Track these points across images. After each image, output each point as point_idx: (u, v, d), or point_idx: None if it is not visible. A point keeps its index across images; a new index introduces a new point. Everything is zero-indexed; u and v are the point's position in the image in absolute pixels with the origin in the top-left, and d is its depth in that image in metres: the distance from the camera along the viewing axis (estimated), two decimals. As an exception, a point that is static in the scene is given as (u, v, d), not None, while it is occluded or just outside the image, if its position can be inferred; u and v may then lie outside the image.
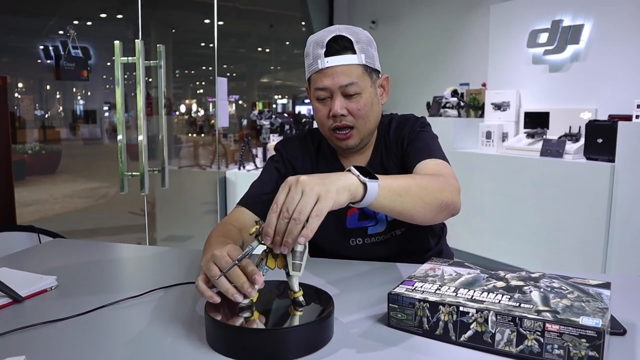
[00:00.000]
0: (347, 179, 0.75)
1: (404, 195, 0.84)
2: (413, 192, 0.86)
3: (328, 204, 0.70)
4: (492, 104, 4.01)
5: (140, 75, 2.24)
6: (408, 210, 0.85)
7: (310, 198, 0.69)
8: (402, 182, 0.86)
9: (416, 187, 0.87)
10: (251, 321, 0.72)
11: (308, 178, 0.72)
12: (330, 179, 0.73)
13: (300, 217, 0.68)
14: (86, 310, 0.84)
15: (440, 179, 0.95)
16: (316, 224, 0.69)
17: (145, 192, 2.33)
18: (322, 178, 0.73)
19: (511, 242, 3.50)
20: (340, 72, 1.04)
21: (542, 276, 0.80)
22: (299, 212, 0.68)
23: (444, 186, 0.92)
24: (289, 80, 12.36)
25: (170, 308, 0.87)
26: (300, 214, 0.68)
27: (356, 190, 0.76)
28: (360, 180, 0.76)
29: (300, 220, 0.68)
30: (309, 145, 1.23)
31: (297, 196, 0.70)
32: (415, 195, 0.86)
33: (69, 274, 1.06)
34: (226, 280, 0.73)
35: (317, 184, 0.71)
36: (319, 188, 0.70)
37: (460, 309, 0.70)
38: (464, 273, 0.82)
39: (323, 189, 0.71)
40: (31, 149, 7.97)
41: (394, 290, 0.76)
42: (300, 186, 0.71)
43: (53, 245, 1.34)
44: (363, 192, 0.77)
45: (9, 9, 6.44)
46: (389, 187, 0.81)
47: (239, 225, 1.07)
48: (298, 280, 0.75)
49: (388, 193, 0.81)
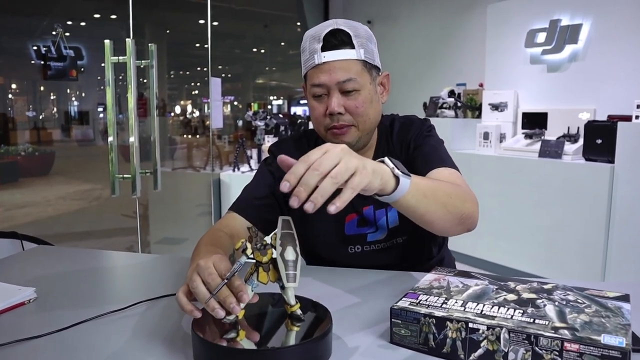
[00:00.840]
0: (382, 167, 0.71)
1: (429, 197, 0.79)
2: (439, 196, 0.82)
3: (364, 180, 0.65)
4: (490, 105, 3.96)
5: (131, 75, 2.18)
6: (430, 214, 0.81)
7: (350, 165, 0.64)
8: (430, 184, 0.82)
9: (441, 192, 0.83)
10: (236, 341, 0.66)
11: (348, 150, 0.67)
12: (367, 161, 0.68)
13: (338, 178, 0.63)
14: (64, 327, 0.78)
15: (462, 190, 0.90)
16: (349, 196, 0.64)
17: (137, 194, 2.27)
18: (359, 157, 0.68)
19: (510, 244, 3.45)
20: (338, 67, 0.99)
21: (556, 287, 0.75)
22: (336, 172, 0.63)
23: (466, 197, 0.88)
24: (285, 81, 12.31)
25: (154, 323, 0.81)
26: (337, 175, 0.63)
27: (388, 182, 0.71)
28: (394, 173, 0.72)
29: (336, 181, 0.63)
30: (305, 147, 1.17)
31: (335, 159, 0.64)
32: (440, 200, 0.82)
33: (49, 285, 1.00)
34: (207, 292, 0.67)
35: (356, 157, 0.66)
36: (357, 162, 0.66)
37: (469, 326, 0.64)
38: (471, 284, 0.77)
39: (360, 164, 0.66)
40: (24, 150, 7.88)
41: (396, 304, 0.71)
42: (340, 153, 0.65)
43: (36, 253, 1.28)
44: (394, 185, 0.72)
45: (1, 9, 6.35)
46: (418, 187, 0.77)
47: (230, 231, 1.01)
48: (294, 292, 0.70)
49: (417, 192, 0.76)
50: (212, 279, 0.67)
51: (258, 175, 1.15)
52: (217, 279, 0.68)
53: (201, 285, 0.68)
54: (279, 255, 0.66)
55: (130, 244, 3.82)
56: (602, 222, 2.90)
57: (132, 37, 2.21)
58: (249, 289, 0.68)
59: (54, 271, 1.10)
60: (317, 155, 0.65)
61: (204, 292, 0.67)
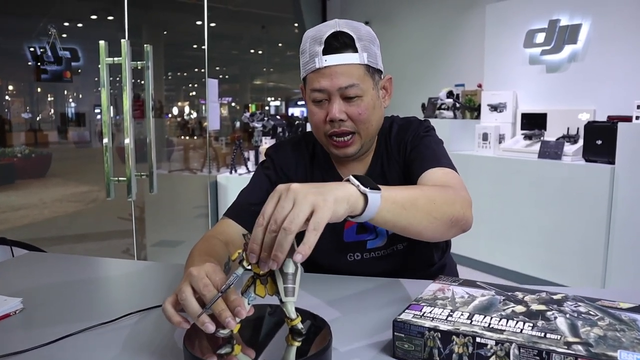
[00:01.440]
0: (346, 189, 0.66)
1: (409, 209, 0.74)
2: (420, 205, 0.76)
3: (326, 215, 0.60)
4: (489, 105, 3.94)
5: (126, 76, 2.15)
6: (414, 226, 0.76)
7: (304, 207, 0.60)
8: (407, 193, 0.76)
9: (424, 200, 0.77)
10: (231, 356, 0.63)
11: (301, 186, 0.62)
12: (326, 188, 0.64)
13: (291, 227, 0.58)
14: (49, 341, 0.74)
15: (450, 191, 0.85)
16: (314, 239, 0.59)
17: (132, 197, 2.24)
18: (317, 187, 0.63)
19: (509, 246, 3.42)
20: (340, 72, 0.94)
21: (566, 298, 0.71)
22: (290, 221, 0.59)
23: (454, 199, 0.83)
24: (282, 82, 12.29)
25: (145, 336, 0.77)
26: (291, 224, 0.59)
27: (356, 202, 0.66)
28: (360, 190, 0.67)
29: (291, 231, 0.58)
30: (303, 151, 1.14)
31: (288, 205, 0.60)
32: (423, 209, 0.76)
33: (37, 295, 0.96)
34: (196, 304, 0.64)
35: (312, 192, 0.61)
36: (314, 197, 0.61)
37: (476, 340, 0.61)
38: (477, 295, 0.74)
39: (319, 198, 0.61)
40: (21, 152, 7.83)
41: (399, 317, 0.67)
42: (292, 194, 0.61)
43: (25, 260, 1.24)
44: (363, 204, 0.67)
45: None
46: (392, 199, 0.72)
47: (225, 238, 0.97)
48: (294, 305, 0.66)
49: (392, 206, 0.71)
50: (208, 290, 0.64)
51: (254, 179, 1.12)
52: (213, 290, 0.64)
53: (191, 297, 0.64)
54: (277, 268, 0.62)
55: (126, 247, 3.78)
56: (602, 224, 2.88)
57: (127, 38, 2.17)
58: (245, 302, 0.65)
59: (43, 280, 1.06)
60: (271, 208, 0.61)
61: (195, 306, 0.63)
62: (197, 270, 0.67)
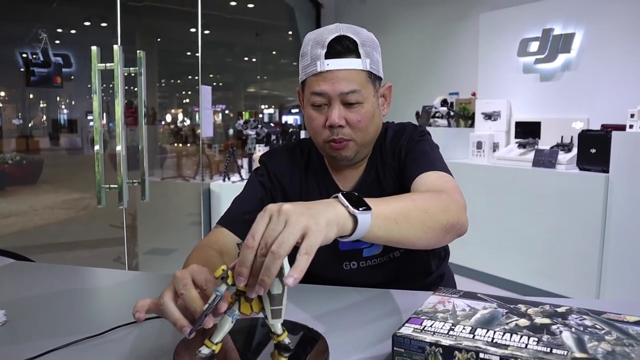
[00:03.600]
0: (336, 211, 0.63)
1: (401, 223, 0.72)
2: (412, 216, 0.74)
3: (318, 239, 0.58)
4: (483, 114, 3.94)
5: (118, 82, 2.12)
6: (408, 238, 0.74)
7: (295, 230, 0.57)
8: (398, 206, 0.74)
9: (416, 211, 0.75)
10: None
11: (293, 207, 0.60)
12: (317, 210, 0.61)
13: (280, 251, 0.56)
14: (33, 356, 0.71)
15: (443, 197, 0.83)
16: (305, 263, 0.57)
17: (124, 205, 2.20)
18: (308, 208, 0.61)
19: (503, 254, 3.41)
20: (342, 77, 0.93)
21: (570, 311, 0.69)
22: (279, 244, 0.56)
23: (447, 205, 0.81)
24: (276, 90, 12.28)
25: (134, 350, 0.74)
26: (280, 247, 0.56)
27: (344, 224, 0.64)
28: (349, 212, 0.64)
29: (279, 255, 0.56)
30: (298, 158, 1.11)
31: (279, 227, 0.58)
32: (415, 220, 0.74)
33: (22, 307, 0.93)
34: (175, 309, 0.62)
35: (304, 214, 0.59)
36: (306, 220, 0.58)
37: (480, 356, 0.58)
38: (478, 308, 0.71)
39: (311, 221, 0.58)
40: (11, 158, 7.75)
41: (399, 331, 0.65)
42: (284, 216, 0.58)
43: (10, 269, 1.20)
44: (353, 225, 0.65)
45: (-11, 16, 6.27)
46: (383, 216, 0.69)
47: (220, 248, 0.94)
48: (281, 322, 0.63)
49: (383, 222, 0.69)
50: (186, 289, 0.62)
51: (248, 186, 1.09)
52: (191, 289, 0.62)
53: (169, 302, 0.63)
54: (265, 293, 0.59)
55: (118, 255, 3.73)
56: (597, 232, 2.87)
57: (120, 44, 2.15)
58: (229, 321, 0.62)
59: (29, 291, 1.03)
60: (261, 230, 0.59)
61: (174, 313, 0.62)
62: (182, 272, 0.65)
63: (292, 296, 0.63)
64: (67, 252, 4.73)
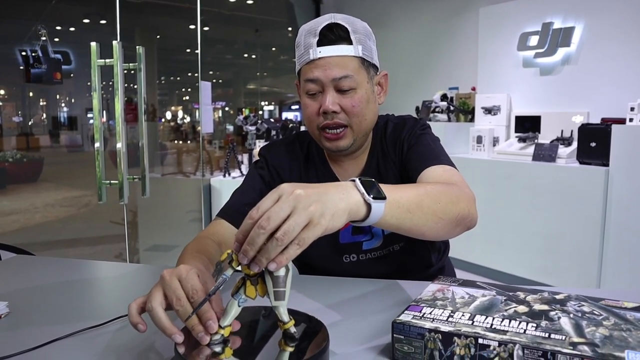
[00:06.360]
0: (350, 198, 0.63)
1: (414, 212, 0.72)
2: (425, 206, 0.74)
3: (315, 233, 0.58)
4: (483, 108, 3.94)
5: (118, 78, 2.12)
6: (419, 227, 0.74)
7: (301, 219, 0.57)
8: (411, 194, 0.73)
9: (428, 200, 0.75)
10: (221, 359, 0.60)
11: (305, 193, 0.59)
12: (330, 197, 0.61)
13: (285, 240, 0.56)
14: (35, 346, 0.71)
15: (454, 189, 0.83)
16: (294, 252, 0.57)
17: (125, 201, 2.21)
18: (320, 194, 0.60)
19: (504, 249, 3.42)
20: (334, 63, 0.93)
21: (569, 298, 0.69)
22: (284, 232, 0.56)
23: (458, 197, 0.81)
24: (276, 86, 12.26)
25: (134, 340, 0.74)
26: (285, 236, 0.56)
27: (358, 211, 0.64)
28: (364, 199, 0.64)
29: (283, 242, 0.56)
30: (297, 151, 1.12)
31: (286, 209, 0.58)
32: (428, 210, 0.74)
33: (24, 298, 0.93)
34: (165, 317, 0.62)
35: (314, 202, 0.59)
36: (314, 209, 0.58)
37: (479, 341, 0.59)
38: (477, 295, 0.72)
39: (318, 211, 0.58)
40: (12, 157, 7.76)
41: (398, 318, 0.65)
42: (294, 200, 0.58)
43: (13, 263, 1.21)
44: (366, 212, 0.65)
45: (-11, 14, 6.26)
46: (397, 204, 0.69)
47: (218, 239, 0.94)
48: (286, 308, 0.64)
49: (396, 211, 0.69)
50: (181, 305, 0.63)
51: (248, 179, 1.09)
52: (185, 304, 0.63)
53: (158, 308, 0.63)
54: (266, 270, 0.60)
55: (119, 252, 3.73)
56: (597, 226, 2.87)
57: (119, 40, 2.15)
58: (236, 304, 0.62)
59: (31, 283, 1.03)
60: (268, 204, 0.59)
61: (163, 321, 0.63)
62: (169, 274, 0.65)
63: (293, 287, 0.63)
64: (68, 249, 4.74)
